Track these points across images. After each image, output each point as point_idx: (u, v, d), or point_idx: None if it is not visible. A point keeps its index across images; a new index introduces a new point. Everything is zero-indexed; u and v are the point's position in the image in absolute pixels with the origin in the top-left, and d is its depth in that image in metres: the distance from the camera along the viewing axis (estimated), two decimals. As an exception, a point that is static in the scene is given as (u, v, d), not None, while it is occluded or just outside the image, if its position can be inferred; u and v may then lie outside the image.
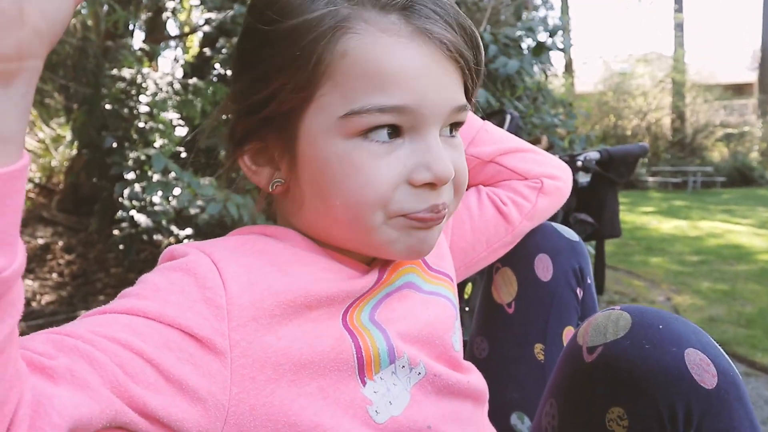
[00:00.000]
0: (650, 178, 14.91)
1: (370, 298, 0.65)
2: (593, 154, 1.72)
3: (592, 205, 1.77)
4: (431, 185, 0.60)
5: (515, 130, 1.76)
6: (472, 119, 0.92)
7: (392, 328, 0.64)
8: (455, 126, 0.65)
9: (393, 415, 0.61)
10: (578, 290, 0.91)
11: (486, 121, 0.94)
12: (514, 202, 0.90)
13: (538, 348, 0.90)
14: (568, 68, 16.51)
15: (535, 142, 1.87)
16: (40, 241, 4.59)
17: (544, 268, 0.90)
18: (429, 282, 0.72)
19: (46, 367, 0.43)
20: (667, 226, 8.09)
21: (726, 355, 0.61)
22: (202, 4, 4.17)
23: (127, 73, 3.48)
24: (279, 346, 0.56)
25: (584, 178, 1.77)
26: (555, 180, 0.93)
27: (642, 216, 9.23)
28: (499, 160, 0.91)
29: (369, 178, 0.58)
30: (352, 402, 0.59)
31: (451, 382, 0.68)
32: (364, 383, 0.60)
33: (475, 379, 0.73)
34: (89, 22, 5.39)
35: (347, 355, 0.59)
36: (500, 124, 1.83)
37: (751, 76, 21.81)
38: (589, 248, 3.49)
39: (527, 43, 3.37)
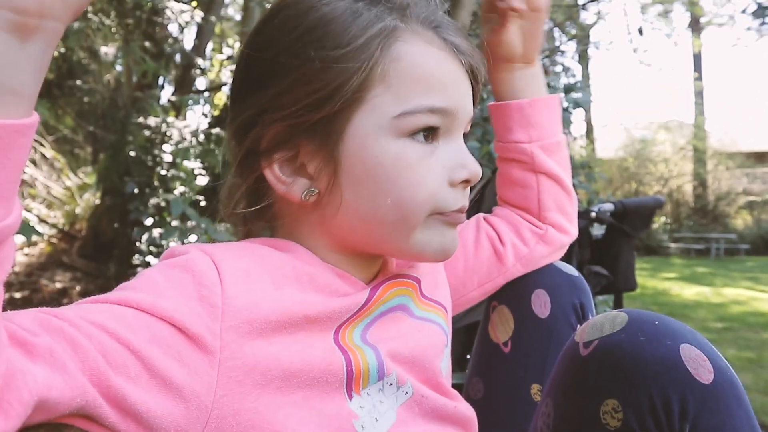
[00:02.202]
0: (672, 244, 14.71)
1: (363, 317, 0.64)
2: (607, 206, 1.71)
3: (607, 257, 1.74)
4: (465, 183, 0.65)
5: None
6: (556, 127, 0.91)
7: (384, 347, 0.63)
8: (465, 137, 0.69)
9: None
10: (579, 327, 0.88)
11: (565, 138, 0.93)
12: (513, 245, 0.88)
13: (536, 389, 0.87)
14: (589, 134, 16.63)
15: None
16: (58, 286, 4.63)
17: (541, 304, 0.87)
18: (421, 308, 0.72)
19: (28, 342, 0.43)
20: (690, 292, 7.93)
21: (723, 357, 0.61)
22: (229, 59, 4.32)
23: (152, 121, 3.58)
24: (269, 351, 0.55)
25: (599, 230, 1.76)
26: (561, 232, 0.90)
27: (664, 282, 9.06)
28: (540, 179, 0.88)
29: (421, 177, 0.61)
30: (337, 414, 0.58)
31: (438, 405, 0.66)
32: (350, 397, 0.59)
33: (462, 406, 0.71)
34: (122, 79, 5.61)
35: (337, 368, 0.58)
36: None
37: (774, 145, 21.73)
38: (606, 309, 3.43)
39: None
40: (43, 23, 0.38)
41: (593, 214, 1.70)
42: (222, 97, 5.60)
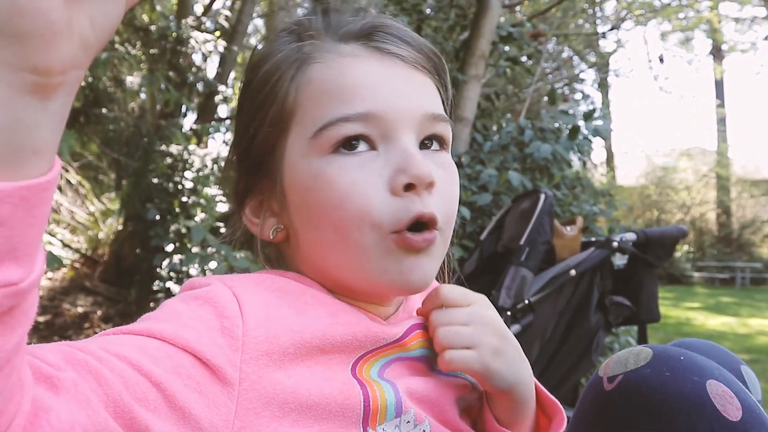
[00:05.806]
0: (696, 273, 14.45)
1: (382, 356, 0.63)
2: (630, 236, 1.69)
3: (629, 287, 1.71)
4: (412, 189, 0.59)
5: (549, 209, 1.75)
6: None
7: (402, 384, 0.62)
8: (440, 141, 0.65)
9: None
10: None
11: None
12: None
13: None
14: (609, 161, 16.54)
15: (570, 222, 1.85)
16: (80, 310, 4.68)
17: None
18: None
19: (53, 377, 0.42)
20: (714, 322, 7.76)
21: (752, 396, 0.59)
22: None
23: (174, 149, 3.63)
24: (287, 384, 0.55)
25: (621, 260, 1.73)
26: None
27: (687, 311, 8.89)
28: None
29: (345, 192, 0.59)
30: None
31: None
32: None
33: None
34: (146, 107, 5.73)
35: (354, 402, 0.58)
36: (534, 204, 1.83)
37: (799, 173, 21.36)
38: (629, 339, 3.36)
39: (564, 130, 3.39)
40: (67, 77, 0.35)
41: (615, 244, 1.67)
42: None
